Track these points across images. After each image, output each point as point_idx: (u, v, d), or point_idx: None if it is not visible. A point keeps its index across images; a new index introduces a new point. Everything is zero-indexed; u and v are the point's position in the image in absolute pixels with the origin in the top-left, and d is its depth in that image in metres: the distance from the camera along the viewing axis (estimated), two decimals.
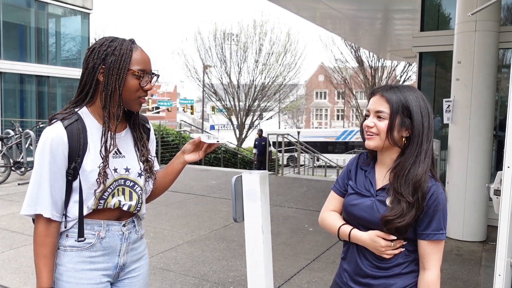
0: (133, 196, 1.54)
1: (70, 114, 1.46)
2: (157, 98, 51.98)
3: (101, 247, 1.49)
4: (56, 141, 1.41)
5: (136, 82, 1.47)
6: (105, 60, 1.44)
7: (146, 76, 1.49)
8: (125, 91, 1.46)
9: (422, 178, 1.41)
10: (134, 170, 1.54)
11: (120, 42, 1.47)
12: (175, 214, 5.87)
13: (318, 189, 8.01)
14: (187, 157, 1.65)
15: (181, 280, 3.70)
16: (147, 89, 1.50)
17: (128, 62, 1.45)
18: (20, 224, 5.13)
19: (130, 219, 1.57)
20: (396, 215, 1.39)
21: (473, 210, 4.95)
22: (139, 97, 1.49)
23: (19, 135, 8.61)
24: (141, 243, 1.64)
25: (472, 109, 4.94)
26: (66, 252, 1.47)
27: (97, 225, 1.48)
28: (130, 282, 1.60)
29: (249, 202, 1.82)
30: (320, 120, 57.72)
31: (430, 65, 6.89)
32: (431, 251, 1.42)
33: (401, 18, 9.73)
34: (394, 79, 27.40)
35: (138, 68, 1.47)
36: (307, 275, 3.88)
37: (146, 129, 1.66)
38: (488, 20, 4.89)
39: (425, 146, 1.44)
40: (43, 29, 17.39)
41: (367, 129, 1.47)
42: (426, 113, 1.45)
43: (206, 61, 26.27)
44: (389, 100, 1.43)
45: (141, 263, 1.63)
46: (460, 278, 3.91)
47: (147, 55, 1.52)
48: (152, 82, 1.54)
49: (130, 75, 1.45)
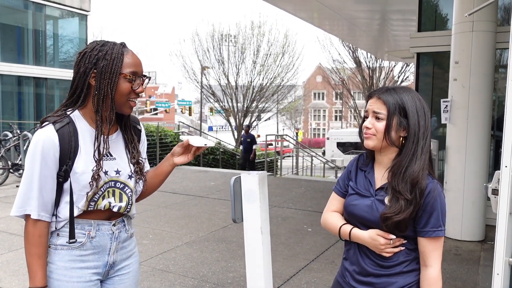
0: (123, 198, 1.57)
1: (61, 117, 1.48)
2: (155, 99, 51.93)
3: (91, 246, 1.51)
4: (47, 143, 1.42)
5: (128, 86, 1.48)
6: (97, 64, 1.45)
7: (138, 79, 1.51)
8: (117, 94, 1.47)
9: (419, 175, 1.44)
10: (124, 172, 1.56)
11: (111, 46, 1.48)
12: (174, 216, 5.87)
13: (316, 189, 8.01)
14: (176, 160, 1.67)
15: (180, 281, 3.70)
16: (139, 92, 1.52)
17: (120, 66, 1.46)
18: (18, 226, 5.13)
19: (120, 218, 1.60)
20: (394, 212, 1.42)
21: (471, 210, 4.97)
22: (129, 99, 1.51)
23: (17, 137, 8.60)
24: (130, 242, 1.66)
25: (470, 109, 4.95)
26: (56, 250, 1.49)
27: (88, 224, 1.51)
28: (120, 280, 1.62)
29: (248, 203, 1.83)
30: (318, 121, 57.73)
31: (428, 65, 6.91)
32: (431, 248, 1.45)
33: (399, 19, 9.75)
34: (392, 79, 27.42)
35: (130, 71, 1.48)
36: (306, 276, 3.88)
37: (137, 131, 1.68)
38: (485, 21, 4.91)
39: (422, 144, 1.47)
40: (41, 31, 17.38)
41: (365, 130, 1.51)
42: (422, 112, 1.49)
43: (204, 63, 26.24)
44: (386, 102, 1.47)
45: (131, 260, 1.66)
46: (459, 277, 3.92)
47: (138, 58, 1.53)
48: (144, 85, 1.55)
49: (122, 79, 1.47)
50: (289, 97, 32.83)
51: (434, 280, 1.45)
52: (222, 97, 26.85)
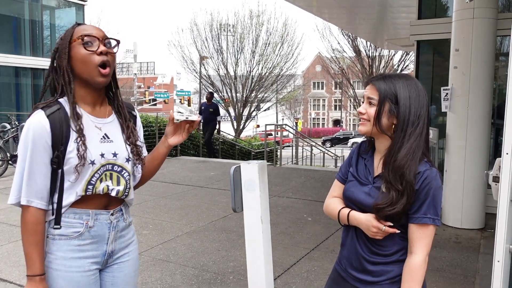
0: (121, 181, 1.55)
1: (51, 102, 1.47)
2: (154, 90, 51.75)
3: (90, 235, 1.50)
4: (38, 130, 1.41)
5: (84, 49, 1.44)
6: (56, 51, 1.48)
7: (95, 41, 1.46)
8: (78, 63, 1.45)
9: (407, 166, 1.41)
10: (121, 155, 1.55)
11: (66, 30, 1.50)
12: (174, 206, 5.88)
13: (316, 179, 8.02)
14: (170, 140, 1.64)
15: (181, 271, 3.71)
16: (100, 52, 1.45)
17: (70, 36, 1.46)
18: (18, 217, 5.09)
19: (118, 207, 1.58)
20: (386, 203, 1.41)
21: (471, 198, 4.97)
22: (97, 66, 1.45)
23: (16, 129, 8.58)
24: (129, 230, 1.65)
25: (470, 97, 4.93)
26: (55, 240, 1.48)
27: (85, 214, 1.50)
28: (119, 267, 1.62)
29: (248, 192, 1.82)
30: (317, 110, 57.69)
31: (428, 53, 6.86)
32: (418, 235, 1.43)
33: (398, 6, 9.66)
34: (391, 68, 27.32)
35: (80, 35, 1.45)
36: (307, 264, 3.89)
37: (132, 116, 1.66)
38: (486, 7, 4.86)
39: (410, 131, 1.44)
40: (38, 21, 17.23)
41: (360, 115, 1.52)
42: (416, 100, 1.46)
43: (202, 52, 26.09)
44: (378, 88, 1.47)
45: (130, 249, 1.65)
46: (459, 265, 3.93)
47: (96, 27, 1.50)
48: (114, 49, 1.50)
49: (76, 46, 1.45)
50: (289, 86, 32.72)
51: (416, 267, 1.42)
52: (221, 87, 26.77)
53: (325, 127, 54.41)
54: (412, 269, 1.43)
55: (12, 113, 11.23)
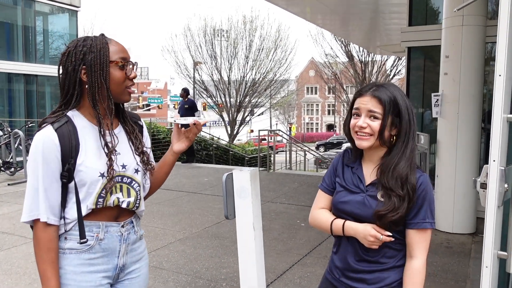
0: (131, 193, 1.54)
1: (59, 117, 1.46)
2: (147, 95, 51.65)
3: (100, 248, 1.48)
4: (47, 144, 1.40)
5: (122, 72, 1.48)
6: (84, 59, 1.44)
7: (128, 64, 1.51)
8: (112, 84, 1.47)
9: (408, 172, 1.44)
10: (130, 166, 1.54)
11: (93, 39, 1.47)
12: (166, 212, 5.87)
13: (310, 184, 8.04)
14: (175, 147, 1.68)
15: (173, 278, 3.71)
16: (132, 77, 1.52)
17: (107, 54, 1.45)
18: (10, 224, 5.10)
19: (129, 219, 1.56)
20: (388, 209, 1.41)
21: (462, 203, 5.01)
22: (126, 87, 1.51)
23: (8, 135, 8.53)
24: (140, 244, 1.63)
25: (460, 103, 4.99)
26: (65, 254, 1.45)
27: (96, 226, 1.48)
28: (130, 283, 1.59)
29: (240, 199, 1.83)
30: (311, 115, 57.85)
31: (419, 59, 6.94)
32: (418, 240, 1.46)
33: (390, 13, 9.77)
34: (384, 73, 27.52)
35: (119, 57, 1.48)
36: (300, 270, 3.90)
37: (139, 126, 1.67)
38: (475, 15, 4.93)
39: (411, 144, 1.48)
40: (31, 27, 17.17)
41: (359, 129, 1.47)
42: (411, 110, 1.49)
43: (196, 58, 26.15)
44: (382, 101, 1.44)
45: (141, 263, 1.63)
46: (450, 270, 3.96)
47: (122, 44, 1.53)
48: (134, 70, 1.55)
49: (113, 67, 1.46)
50: (282, 91, 32.85)
51: (418, 271, 1.45)
52: (215, 93, 26.81)
53: (319, 132, 54.60)
54: (414, 273, 1.45)
55: (4, 120, 11.17)
